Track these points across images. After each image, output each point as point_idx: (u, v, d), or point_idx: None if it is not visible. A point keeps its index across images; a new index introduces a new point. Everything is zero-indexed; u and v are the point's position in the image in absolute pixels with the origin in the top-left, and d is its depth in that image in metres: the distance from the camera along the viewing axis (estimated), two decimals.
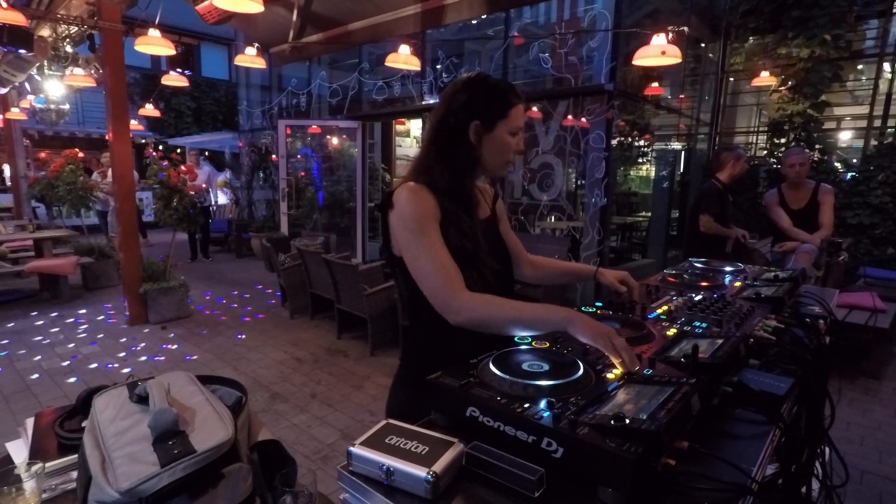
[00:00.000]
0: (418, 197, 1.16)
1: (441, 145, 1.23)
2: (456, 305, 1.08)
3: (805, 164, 3.66)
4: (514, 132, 1.23)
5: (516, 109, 1.22)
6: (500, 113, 1.20)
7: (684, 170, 7.67)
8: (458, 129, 1.21)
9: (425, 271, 1.13)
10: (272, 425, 3.10)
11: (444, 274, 1.11)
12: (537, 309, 1.04)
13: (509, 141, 1.22)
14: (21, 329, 4.87)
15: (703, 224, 3.61)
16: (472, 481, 0.72)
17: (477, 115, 1.20)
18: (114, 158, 4.86)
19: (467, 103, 1.20)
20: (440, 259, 1.12)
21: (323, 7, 4.85)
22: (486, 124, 1.20)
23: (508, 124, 1.21)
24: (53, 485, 0.90)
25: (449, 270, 1.12)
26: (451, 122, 1.21)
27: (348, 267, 4.33)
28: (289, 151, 8.45)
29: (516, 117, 1.22)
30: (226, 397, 0.98)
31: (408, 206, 1.15)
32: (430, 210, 1.16)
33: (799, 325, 1.26)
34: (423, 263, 1.13)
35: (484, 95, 1.20)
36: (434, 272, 1.11)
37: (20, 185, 8.85)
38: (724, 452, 0.77)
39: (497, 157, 1.24)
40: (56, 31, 5.81)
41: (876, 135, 5.96)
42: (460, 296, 1.09)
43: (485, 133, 1.21)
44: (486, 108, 1.20)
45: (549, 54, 5.60)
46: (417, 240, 1.14)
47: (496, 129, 1.21)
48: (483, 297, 1.10)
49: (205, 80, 14.35)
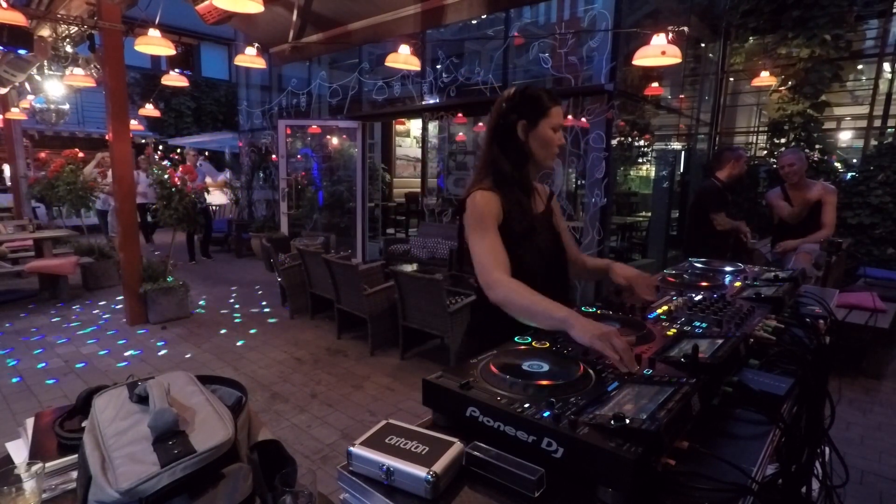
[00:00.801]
0: (483, 200, 1.42)
1: (499, 144, 1.50)
2: (492, 282, 1.30)
3: (798, 164, 3.65)
4: (555, 128, 1.48)
5: (554, 109, 1.47)
6: (542, 112, 1.46)
7: (684, 170, 7.67)
8: (509, 129, 1.48)
9: (478, 254, 1.37)
10: (272, 425, 3.10)
11: (493, 257, 1.35)
12: (547, 303, 1.17)
13: (551, 136, 1.48)
14: (21, 329, 4.87)
15: (718, 223, 3.60)
16: (472, 481, 0.72)
17: (523, 115, 1.47)
18: (114, 158, 4.85)
19: (514, 107, 1.48)
20: (492, 246, 1.37)
21: (323, 7, 4.84)
22: (531, 123, 1.47)
23: (549, 122, 1.47)
24: (53, 485, 0.90)
25: (497, 255, 1.35)
26: (502, 124, 1.49)
27: (348, 267, 4.33)
28: (289, 151, 8.45)
29: (555, 115, 1.48)
30: (226, 397, 0.98)
31: (474, 208, 1.42)
32: (491, 211, 1.41)
33: (799, 325, 1.26)
34: (478, 248, 1.38)
35: (526, 100, 1.47)
36: (484, 254, 1.36)
37: (20, 185, 8.84)
38: (724, 452, 0.77)
39: (543, 150, 1.49)
40: (56, 31, 5.81)
41: (876, 135, 5.96)
42: (498, 276, 1.31)
43: (530, 130, 1.47)
44: (529, 110, 1.47)
45: (549, 54, 5.60)
46: (477, 232, 1.40)
47: (539, 126, 1.47)
48: (514, 283, 1.28)
49: (205, 80, 14.35)
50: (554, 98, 1.48)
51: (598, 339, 0.95)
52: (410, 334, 4.16)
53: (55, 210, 8.39)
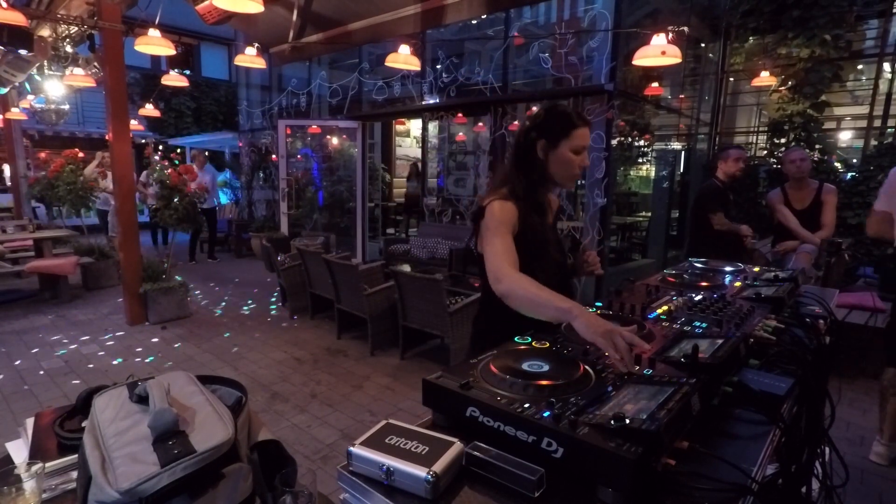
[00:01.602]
0: (502, 209, 1.44)
1: (518, 160, 1.51)
2: (501, 275, 1.32)
3: (806, 160, 3.66)
4: (577, 151, 1.46)
5: (578, 131, 1.45)
6: (563, 133, 1.45)
7: (684, 170, 7.67)
8: (528, 147, 1.48)
9: (491, 253, 1.39)
10: (272, 425, 3.10)
11: (504, 256, 1.37)
12: (551, 294, 1.19)
13: (572, 158, 1.46)
14: (21, 329, 4.87)
15: (716, 223, 3.60)
16: (472, 481, 0.72)
17: (543, 134, 1.46)
18: (114, 158, 4.85)
19: (536, 126, 1.48)
20: (506, 246, 1.39)
21: (323, 7, 4.84)
22: (550, 143, 1.46)
23: (570, 143, 1.45)
24: (53, 485, 0.90)
25: (508, 254, 1.37)
26: (522, 142, 1.50)
27: (348, 267, 4.33)
28: (289, 151, 8.44)
29: (578, 138, 1.45)
30: (226, 397, 0.98)
31: (492, 215, 1.44)
32: (507, 218, 1.43)
33: (799, 325, 1.26)
34: (491, 248, 1.40)
35: (549, 119, 1.47)
36: (497, 253, 1.38)
37: (20, 185, 8.84)
38: (724, 452, 0.77)
39: (562, 171, 1.49)
40: (56, 31, 5.81)
41: (876, 135, 5.95)
42: (506, 269, 1.33)
43: (550, 150, 1.47)
44: (550, 130, 1.46)
45: (549, 54, 5.60)
46: (493, 235, 1.41)
47: (560, 148, 1.46)
48: (521, 275, 1.30)
49: (205, 80, 14.33)
50: (580, 119, 1.47)
51: (602, 336, 0.95)
52: (410, 334, 4.16)
53: (55, 210, 8.37)
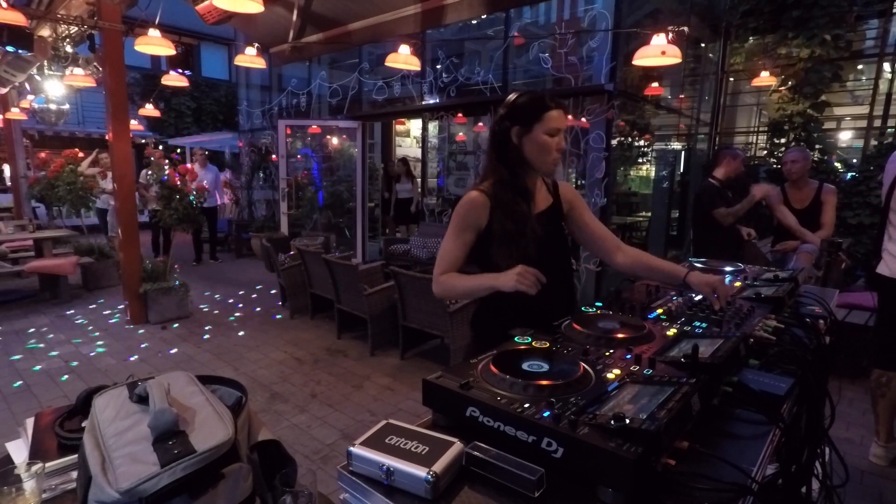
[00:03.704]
0: (467, 205, 1.48)
1: (495, 150, 1.53)
2: (434, 280, 1.50)
3: (801, 161, 3.66)
4: (552, 133, 1.45)
5: (550, 113, 1.44)
6: (535, 117, 1.45)
7: (684, 170, 7.67)
8: (503, 135, 1.49)
9: (440, 251, 1.52)
10: (272, 425, 3.10)
11: (444, 260, 1.49)
12: (474, 279, 1.43)
13: (547, 141, 1.45)
14: (21, 329, 4.86)
15: (720, 218, 3.61)
16: (472, 481, 0.72)
17: (516, 121, 1.47)
18: (114, 158, 4.85)
19: (508, 113, 1.48)
20: (450, 250, 1.49)
21: (323, 7, 4.84)
22: (524, 127, 1.46)
23: (544, 126, 1.44)
24: (53, 485, 0.90)
25: (448, 259, 1.49)
26: (497, 130, 1.50)
27: (348, 267, 4.33)
28: (289, 151, 8.44)
29: (551, 120, 1.45)
30: (226, 397, 0.98)
31: (459, 208, 1.50)
32: (468, 215, 1.48)
33: (799, 325, 1.26)
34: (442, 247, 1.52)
35: (520, 105, 1.47)
36: (440, 255, 1.50)
37: (20, 185, 8.84)
38: (724, 452, 0.77)
39: (538, 155, 1.48)
40: (56, 31, 5.81)
41: (876, 135, 5.95)
42: (437, 274, 1.50)
43: (524, 135, 1.46)
44: (522, 115, 1.46)
45: (549, 54, 5.60)
46: (447, 234, 1.51)
47: (534, 132, 1.45)
48: (447, 276, 1.48)
49: (205, 80, 14.33)
50: (552, 101, 1.45)
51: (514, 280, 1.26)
52: (410, 334, 4.16)
53: (55, 210, 8.37)
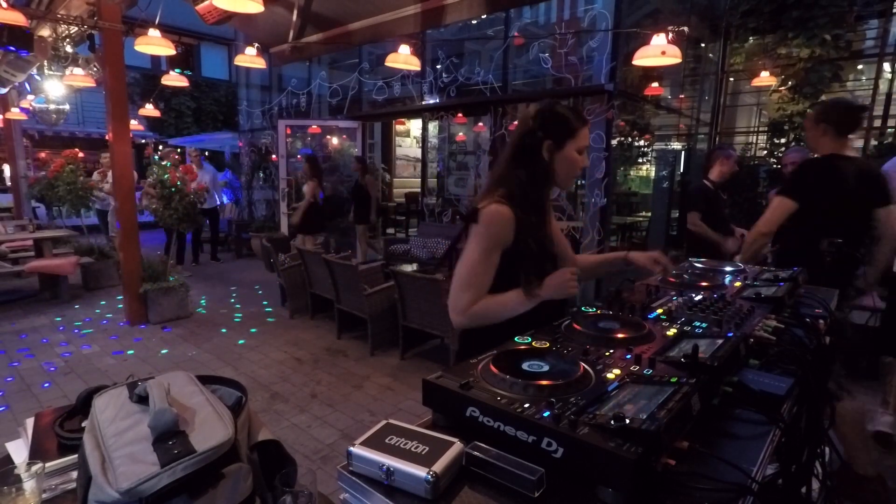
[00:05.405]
0: (497, 218, 1.37)
1: (519, 162, 1.44)
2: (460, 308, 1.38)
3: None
4: (581, 150, 1.45)
5: (583, 131, 1.43)
6: (570, 133, 1.41)
7: (684, 170, 7.67)
8: (534, 147, 1.42)
9: (462, 274, 1.38)
10: (272, 425, 3.10)
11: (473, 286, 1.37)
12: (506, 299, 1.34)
13: (576, 158, 1.44)
14: (21, 329, 4.86)
15: (690, 221, 3.63)
16: (472, 481, 0.72)
17: (549, 135, 1.41)
18: (114, 158, 4.85)
19: (541, 126, 1.42)
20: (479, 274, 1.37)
21: (323, 7, 4.84)
22: (557, 143, 1.42)
23: (576, 143, 1.43)
24: (53, 485, 0.90)
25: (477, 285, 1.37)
26: (528, 143, 1.43)
27: (348, 267, 4.33)
28: (289, 151, 8.44)
29: (583, 137, 1.44)
30: (226, 397, 0.98)
31: (489, 224, 1.37)
32: (499, 231, 1.37)
33: (799, 325, 1.26)
34: (464, 268, 1.38)
35: (555, 118, 1.42)
36: (466, 278, 1.37)
37: (20, 185, 8.85)
38: (724, 452, 0.77)
39: (566, 171, 1.46)
40: (56, 31, 5.81)
41: (876, 135, 5.95)
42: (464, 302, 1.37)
43: (556, 151, 1.42)
44: (556, 129, 1.41)
45: (549, 54, 5.60)
46: (474, 249, 1.38)
47: (566, 148, 1.42)
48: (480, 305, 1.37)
49: (205, 80, 14.34)
50: (582, 118, 1.45)
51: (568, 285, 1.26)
52: (410, 334, 4.16)
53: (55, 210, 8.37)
